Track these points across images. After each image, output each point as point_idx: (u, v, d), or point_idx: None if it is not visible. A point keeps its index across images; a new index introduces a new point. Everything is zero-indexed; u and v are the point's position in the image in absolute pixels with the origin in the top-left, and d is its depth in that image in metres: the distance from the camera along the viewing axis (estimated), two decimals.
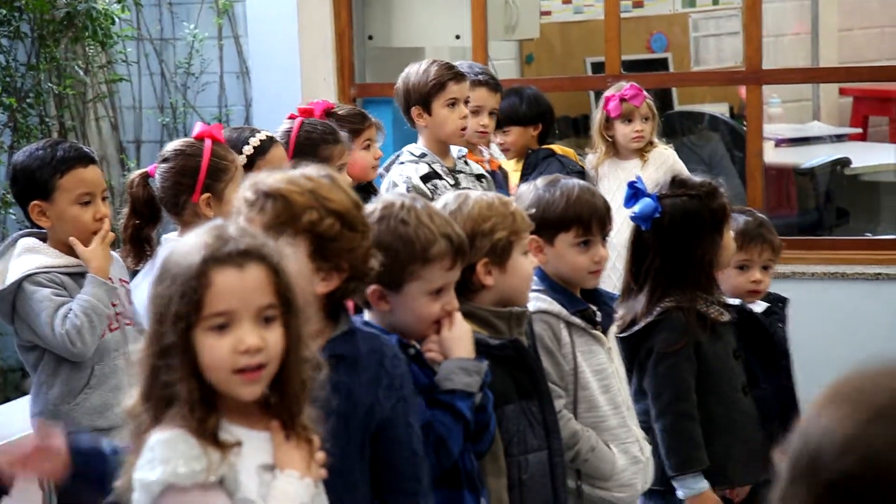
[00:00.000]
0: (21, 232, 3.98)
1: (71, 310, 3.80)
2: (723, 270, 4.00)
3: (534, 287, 3.48)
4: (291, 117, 4.48)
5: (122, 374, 3.88)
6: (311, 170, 2.69)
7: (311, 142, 4.25)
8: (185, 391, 2.24)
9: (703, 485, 3.80)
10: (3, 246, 3.95)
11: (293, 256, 2.34)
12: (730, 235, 3.96)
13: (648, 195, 3.85)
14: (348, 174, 4.67)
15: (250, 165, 3.99)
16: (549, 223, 3.50)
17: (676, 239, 3.81)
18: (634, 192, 3.88)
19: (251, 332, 2.26)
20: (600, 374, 3.55)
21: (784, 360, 4.19)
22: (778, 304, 4.26)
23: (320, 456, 2.40)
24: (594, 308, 3.58)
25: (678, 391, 3.80)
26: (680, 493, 3.83)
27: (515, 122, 5.73)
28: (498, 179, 5.23)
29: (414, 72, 4.88)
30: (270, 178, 2.65)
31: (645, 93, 5.81)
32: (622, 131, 5.77)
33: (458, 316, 2.95)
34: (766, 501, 4.39)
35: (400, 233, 2.84)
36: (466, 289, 3.11)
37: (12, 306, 3.85)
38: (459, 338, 2.94)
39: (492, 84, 5.31)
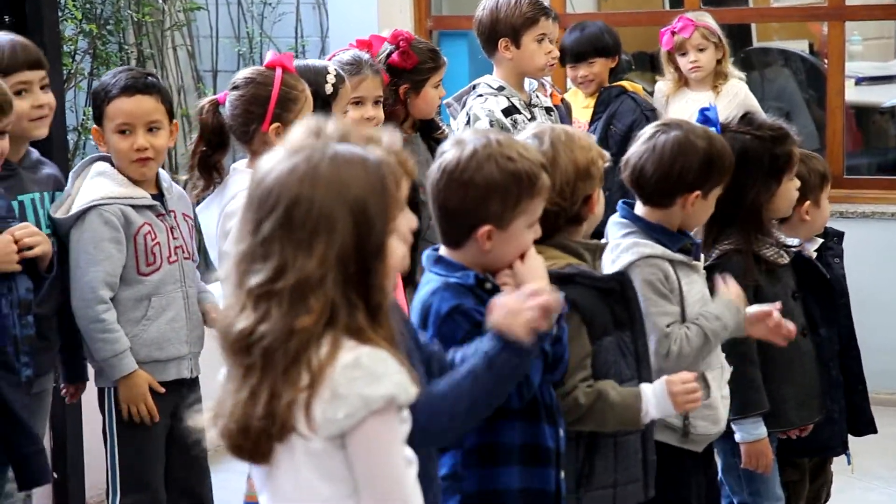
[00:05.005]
0: (97, 154, 4.00)
1: (111, 308, 3.82)
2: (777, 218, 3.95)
3: (627, 230, 3.53)
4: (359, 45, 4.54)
5: (178, 307, 3.93)
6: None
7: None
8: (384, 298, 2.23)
9: (762, 431, 3.79)
10: (78, 167, 3.98)
11: None
12: (792, 185, 3.90)
13: (715, 125, 3.78)
14: (414, 111, 4.69)
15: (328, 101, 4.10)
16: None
17: (731, 177, 3.70)
18: (704, 120, 3.82)
19: None
20: (701, 300, 3.56)
21: (842, 298, 4.16)
22: (833, 238, 4.23)
23: None
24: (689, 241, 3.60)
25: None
26: (738, 437, 3.82)
27: (601, 52, 5.71)
28: (561, 113, 5.25)
29: (504, 3, 4.90)
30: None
31: (707, 22, 5.79)
32: (681, 63, 5.84)
33: (532, 248, 2.95)
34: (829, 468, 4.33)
35: (511, 170, 2.85)
36: (575, 221, 3.19)
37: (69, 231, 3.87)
38: (533, 269, 2.93)
39: (555, 15, 5.30)
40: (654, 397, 3.14)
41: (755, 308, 3.63)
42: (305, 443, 2.17)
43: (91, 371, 4.02)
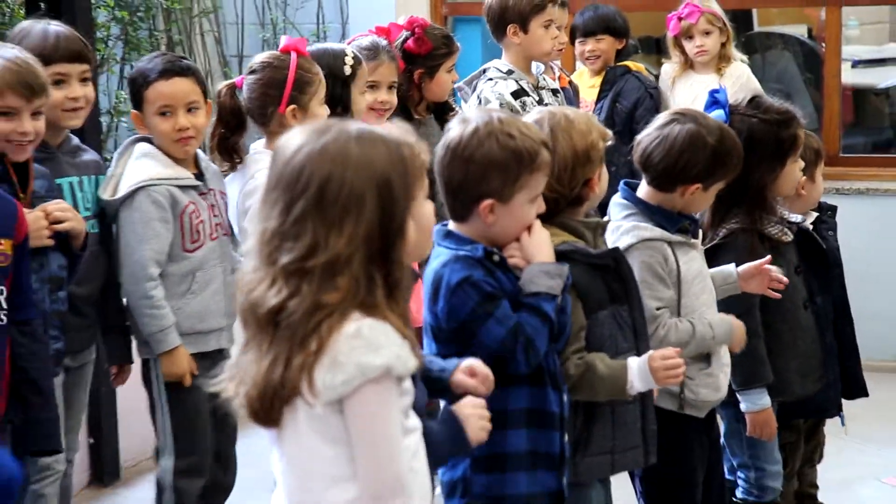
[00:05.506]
0: (137, 136, 4.04)
1: (159, 285, 3.89)
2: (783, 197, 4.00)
3: (628, 212, 3.61)
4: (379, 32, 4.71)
5: (219, 281, 4.00)
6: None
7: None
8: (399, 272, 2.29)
9: (766, 401, 3.88)
10: (121, 148, 4.03)
11: None
12: (796, 166, 3.98)
13: (724, 107, 3.87)
14: (428, 95, 4.82)
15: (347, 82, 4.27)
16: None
17: None
18: (713, 102, 3.91)
19: None
20: (699, 276, 3.62)
21: (836, 269, 4.26)
22: (827, 212, 4.31)
23: None
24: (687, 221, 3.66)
25: (744, 309, 3.81)
26: (742, 407, 3.91)
27: (611, 31, 5.84)
28: (569, 94, 5.37)
29: None
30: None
31: (712, 8, 5.89)
32: (687, 47, 5.93)
33: (538, 222, 3.07)
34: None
35: (511, 147, 2.93)
36: (576, 203, 3.26)
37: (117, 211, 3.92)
38: (540, 243, 3.04)
39: (562, 2, 5.32)
40: (638, 370, 3.19)
41: (748, 265, 3.73)
42: (308, 407, 2.25)
43: (135, 344, 4.09)
